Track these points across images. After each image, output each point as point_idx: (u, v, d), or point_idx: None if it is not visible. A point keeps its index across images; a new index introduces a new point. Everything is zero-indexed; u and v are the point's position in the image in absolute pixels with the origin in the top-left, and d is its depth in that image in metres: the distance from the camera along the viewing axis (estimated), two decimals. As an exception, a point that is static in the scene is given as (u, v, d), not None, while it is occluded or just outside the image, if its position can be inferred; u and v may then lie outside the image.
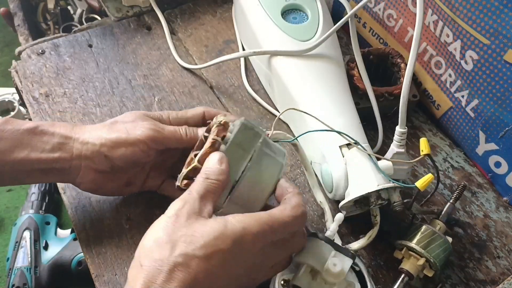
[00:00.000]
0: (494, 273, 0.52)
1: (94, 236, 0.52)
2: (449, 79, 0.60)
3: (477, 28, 0.52)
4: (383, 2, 0.66)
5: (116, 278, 0.50)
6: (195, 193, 0.40)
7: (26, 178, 0.48)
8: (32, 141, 0.46)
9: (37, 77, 0.67)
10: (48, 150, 0.46)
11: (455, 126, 0.61)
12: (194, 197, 0.39)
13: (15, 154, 0.46)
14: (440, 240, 0.47)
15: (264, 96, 0.66)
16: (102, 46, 0.72)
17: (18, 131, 0.46)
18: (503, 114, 0.53)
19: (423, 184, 0.46)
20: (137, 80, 0.68)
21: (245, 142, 0.43)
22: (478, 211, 0.56)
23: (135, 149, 0.47)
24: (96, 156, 0.47)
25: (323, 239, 0.45)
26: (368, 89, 0.60)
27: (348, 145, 0.52)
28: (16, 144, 0.46)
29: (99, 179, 0.49)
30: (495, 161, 0.57)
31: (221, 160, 0.41)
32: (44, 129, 0.47)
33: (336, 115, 0.55)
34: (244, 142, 0.43)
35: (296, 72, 0.59)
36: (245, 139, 0.43)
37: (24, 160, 0.46)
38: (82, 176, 0.48)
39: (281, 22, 0.63)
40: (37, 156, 0.46)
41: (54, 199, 1.21)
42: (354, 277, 0.46)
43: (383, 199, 0.48)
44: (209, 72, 0.69)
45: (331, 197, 0.54)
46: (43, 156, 0.46)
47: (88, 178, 0.49)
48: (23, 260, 1.03)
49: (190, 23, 0.76)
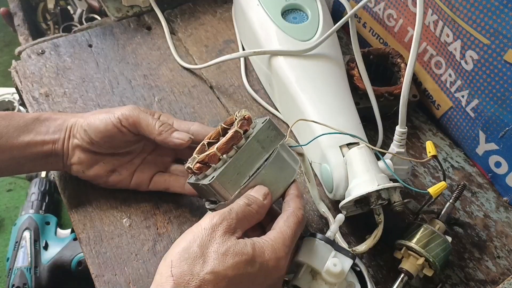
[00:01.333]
0: (494, 273, 0.52)
1: (94, 236, 0.52)
2: (449, 79, 0.60)
3: (477, 28, 0.52)
4: (383, 2, 0.66)
5: (116, 278, 0.50)
6: (235, 214, 0.41)
7: (31, 163, 0.52)
8: (36, 126, 0.51)
9: (37, 77, 0.67)
10: (51, 132, 0.51)
11: (455, 126, 0.61)
12: (233, 217, 0.40)
13: (21, 137, 0.50)
14: (439, 239, 0.47)
15: (264, 96, 0.66)
16: (102, 46, 0.72)
17: (24, 119, 0.51)
18: (503, 114, 0.53)
19: (436, 192, 0.46)
20: (137, 80, 0.68)
21: (266, 141, 0.44)
22: (478, 211, 0.56)
23: (108, 123, 0.50)
24: (78, 131, 0.51)
25: (323, 239, 0.45)
26: (368, 89, 0.60)
27: (348, 145, 0.52)
28: (22, 129, 0.50)
29: (85, 160, 0.52)
30: (495, 161, 0.57)
31: (266, 195, 0.43)
32: (47, 116, 0.52)
33: (336, 115, 0.55)
34: (265, 141, 0.44)
35: (296, 72, 0.59)
36: (267, 138, 0.44)
37: (30, 143, 0.50)
38: (71, 156, 0.52)
39: (281, 22, 0.62)
40: (41, 138, 0.50)
41: (54, 199, 1.21)
42: (354, 277, 0.45)
43: (383, 199, 0.48)
44: (209, 72, 0.69)
45: (331, 197, 0.53)
46: (46, 138, 0.51)
47: (76, 158, 0.52)
48: (23, 260, 1.03)
49: (190, 23, 0.76)
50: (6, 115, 0.50)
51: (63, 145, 0.51)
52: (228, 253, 0.38)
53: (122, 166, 0.53)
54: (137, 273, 0.50)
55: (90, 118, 0.51)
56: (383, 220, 0.48)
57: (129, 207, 0.55)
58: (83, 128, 0.50)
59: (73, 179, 0.56)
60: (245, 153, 0.43)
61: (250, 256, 0.38)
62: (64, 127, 0.51)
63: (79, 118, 0.52)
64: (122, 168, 0.53)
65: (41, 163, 0.52)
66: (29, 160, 0.51)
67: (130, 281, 0.49)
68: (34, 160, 0.51)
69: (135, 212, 0.54)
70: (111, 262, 0.51)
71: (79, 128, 0.51)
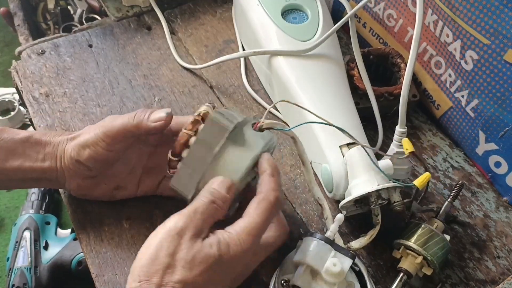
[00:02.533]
0: (494, 273, 0.52)
1: (94, 236, 0.52)
2: (449, 79, 0.60)
3: (477, 28, 0.52)
4: (383, 2, 0.66)
5: (116, 278, 0.50)
6: (199, 215, 0.40)
7: (20, 185, 0.51)
8: (26, 151, 0.48)
9: (37, 77, 0.67)
10: (40, 160, 0.48)
11: (455, 126, 0.62)
12: (198, 217, 0.40)
13: (9, 162, 0.47)
14: (438, 238, 0.47)
15: (264, 96, 0.67)
16: (102, 46, 0.72)
17: (13, 140, 0.48)
18: (503, 114, 0.53)
19: (422, 183, 0.47)
20: (137, 80, 0.68)
21: (210, 139, 0.44)
22: (478, 211, 0.56)
23: (97, 149, 0.47)
24: (71, 163, 0.48)
25: (322, 239, 0.45)
26: (368, 89, 0.60)
27: (348, 145, 0.52)
28: (11, 153, 0.48)
29: (84, 185, 0.51)
30: (495, 161, 0.57)
31: (229, 188, 0.43)
32: (37, 138, 0.49)
33: (336, 115, 0.55)
34: (209, 139, 0.44)
35: (296, 72, 0.59)
36: (211, 135, 0.44)
37: (18, 169, 0.48)
38: (69, 183, 0.50)
39: (281, 22, 0.63)
40: (30, 165, 0.48)
41: (54, 199, 1.21)
42: (354, 277, 0.46)
43: (383, 199, 0.48)
44: (209, 72, 0.69)
45: (331, 197, 0.54)
46: (35, 166, 0.48)
47: (74, 185, 0.50)
48: (23, 260, 1.03)
49: (190, 23, 0.76)
50: None
51: (56, 174, 0.49)
52: (196, 259, 0.38)
53: (124, 180, 0.52)
54: (137, 273, 0.50)
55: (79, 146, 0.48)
56: (381, 221, 0.49)
57: (129, 207, 0.54)
58: (73, 159, 0.48)
59: (73, 179, 0.56)
60: (193, 153, 0.44)
61: (217, 257, 0.39)
62: (54, 156, 0.49)
63: (67, 145, 0.49)
64: (125, 183, 0.52)
65: (34, 184, 0.51)
66: (20, 182, 0.50)
67: (130, 281, 0.49)
68: (25, 182, 0.50)
69: (135, 212, 0.54)
70: (111, 262, 0.51)
71: (68, 159, 0.48)
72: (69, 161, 0.48)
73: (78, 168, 0.48)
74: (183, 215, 0.40)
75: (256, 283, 0.49)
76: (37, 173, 0.48)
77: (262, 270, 0.49)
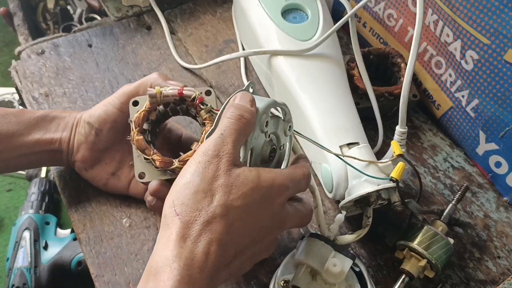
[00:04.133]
0: (494, 273, 0.52)
1: (94, 236, 0.52)
2: (449, 79, 0.60)
3: (477, 28, 0.52)
4: (383, 2, 0.66)
5: (116, 278, 0.50)
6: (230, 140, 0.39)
7: (38, 159, 0.53)
8: (46, 124, 0.52)
9: (37, 77, 0.67)
10: (60, 130, 0.52)
11: (455, 126, 0.61)
12: (228, 142, 0.39)
13: (32, 135, 0.51)
14: (442, 241, 0.47)
15: (264, 96, 0.66)
16: (102, 46, 0.72)
17: (34, 116, 0.52)
18: (503, 114, 0.53)
19: (398, 173, 0.47)
20: (137, 80, 0.67)
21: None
22: (479, 211, 0.56)
23: (108, 108, 0.51)
24: (82, 126, 0.52)
25: (323, 239, 0.45)
26: (368, 89, 0.60)
27: (348, 145, 0.52)
28: (33, 127, 0.52)
29: (89, 157, 0.53)
30: (495, 161, 0.57)
31: (252, 102, 0.42)
32: (56, 114, 0.53)
33: (336, 115, 0.55)
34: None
35: (296, 72, 0.59)
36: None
37: (40, 141, 0.51)
38: (75, 152, 0.53)
39: (281, 22, 0.62)
40: (50, 136, 0.52)
41: (54, 199, 1.21)
42: (354, 277, 0.46)
43: (383, 199, 0.48)
44: (209, 72, 0.69)
45: (331, 197, 0.53)
46: (55, 136, 0.52)
47: (80, 156, 0.53)
48: (23, 260, 1.03)
49: (190, 23, 0.76)
50: (17, 112, 0.52)
51: (68, 143, 0.52)
52: (235, 184, 0.37)
53: (121, 168, 0.53)
54: (137, 273, 0.50)
55: (92, 110, 0.52)
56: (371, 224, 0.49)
57: (129, 207, 0.54)
58: (85, 122, 0.52)
59: (73, 179, 0.56)
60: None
61: (255, 184, 0.38)
62: (70, 125, 0.53)
63: (83, 114, 0.53)
64: (121, 172, 0.53)
65: (47, 158, 0.53)
66: (37, 156, 0.52)
67: (130, 281, 0.49)
68: (41, 156, 0.52)
69: (135, 212, 0.54)
70: (111, 262, 0.51)
71: (82, 123, 0.52)
72: (81, 126, 0.52)
73: (87, 133, 0.52)
74: (211, 143, 0.39)
75: (256, 283, 0.49)
76: (55, 144, 0.52)
77: (262, 270, 0.49)
